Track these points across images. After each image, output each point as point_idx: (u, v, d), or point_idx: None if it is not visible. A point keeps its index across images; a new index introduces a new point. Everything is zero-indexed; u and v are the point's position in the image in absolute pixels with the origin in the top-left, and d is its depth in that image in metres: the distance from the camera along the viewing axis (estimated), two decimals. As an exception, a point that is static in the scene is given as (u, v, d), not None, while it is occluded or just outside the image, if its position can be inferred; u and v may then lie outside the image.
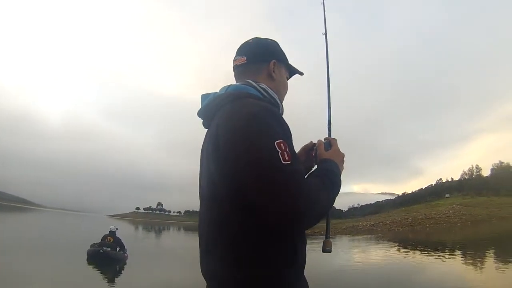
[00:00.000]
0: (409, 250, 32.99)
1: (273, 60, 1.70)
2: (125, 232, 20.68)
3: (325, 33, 2.21)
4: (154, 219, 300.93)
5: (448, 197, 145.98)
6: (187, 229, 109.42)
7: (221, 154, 1.33)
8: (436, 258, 24.46)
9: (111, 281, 14.87)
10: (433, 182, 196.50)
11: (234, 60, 1.75)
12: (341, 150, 1.72)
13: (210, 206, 1.44)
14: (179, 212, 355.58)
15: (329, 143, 1.74)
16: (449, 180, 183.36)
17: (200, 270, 1.51)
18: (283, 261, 1.34)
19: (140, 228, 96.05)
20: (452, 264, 21.26)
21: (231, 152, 1.30)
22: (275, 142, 1.25)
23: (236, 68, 1.74)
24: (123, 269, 17.48)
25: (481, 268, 19.24)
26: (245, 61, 1.70)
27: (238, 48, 1.77)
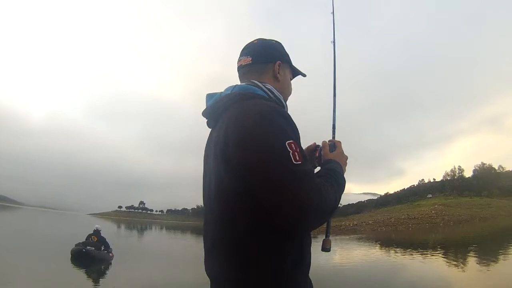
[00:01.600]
0: (392, 249, 33.22)
1: (278, 61, 1.71)
2: (108, 231, 20.60)
3: (333, 42, 2.27)
4: (137, 218, 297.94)
5: (430, 197, 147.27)
6: (169, 228, 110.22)
7: (231, 154, 1.33)
8: (419, 258, 24.69)
9: (96, 280, 14.68)
10: (415, 183, 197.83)
11: (239, 61, 1.75)
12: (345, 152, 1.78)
13: (218, 206, 1.43)
14: (162, 211, 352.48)
15: (334, 145, 1.79)
16: (431, 180, 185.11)
17: (205, 270, 1.52)
18: (291, 261, 1.34)
19: (123, 227, 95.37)
20: (435, 264, 21.42)
21: (242, 152, 1.29)
22: (286, 142, 1.26)
23: (241, 68, 1.74)
24: (108, 269, 17.31)
25: (463, 268, 19.44)
26: (250, 62, 1.70)
27: (243, 49, 1.77)
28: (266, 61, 1.70)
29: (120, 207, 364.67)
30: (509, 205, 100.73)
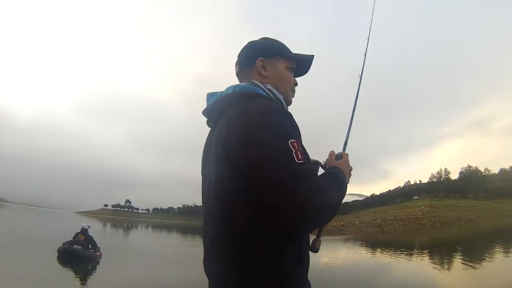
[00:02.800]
0: (378, 250, 33.42)
1: (259, 58, 1.70)
2: (94, 229, 20.47)
3: (361, 76, 2.29)
4: (123, 216, 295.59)
5: (416, 199, 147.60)
6: (155, 227, 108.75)
7: (233, 152, 1.32)
8: (405, 258, 24.87)
9: (82, 280, 14.48)
10: (402, 184, 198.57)
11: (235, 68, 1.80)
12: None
13: (219, 205, 1.42)
14: (148, 209, 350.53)
15: (341, 155, 1.80)
16: (418, 182, 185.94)
17: (204, 270, 1.52)
18: (290, 261, 1.34)
19: (109, 225, 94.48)
20: (420, 264, 21.63)
21: (244, 150, 1.29)
22: (289, 141, 1.26)
23: (236, 76, 1.78)
24: (95, 268, 17.11)
25: (448, 268, 19.62)
26: (239, 69, 1.76)
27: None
28: (249, 63, 1.71)
29: (106, 205, 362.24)
30: (494, 208, 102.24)
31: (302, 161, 1.25)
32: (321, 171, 1.67)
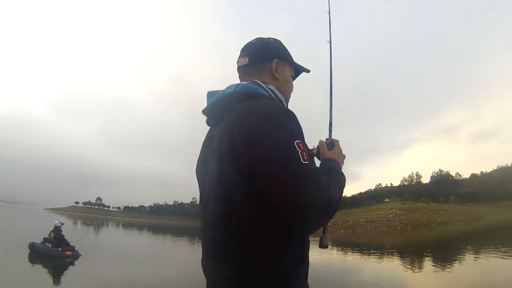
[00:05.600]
0: (349, 251, 33.27)
1: (276, 59, 1.67)
2: (65, 227, 19.38)
3: (330, 41, 2.23)
4: (94, 214, 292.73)
5: (387, 201, 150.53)
6: (125, 225, 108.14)
7: (238, 153, 1.30)
8: (376, 260, 24.94)
9: (54, 279, 13.91)
10: (373, 187, 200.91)
11: (238, 61, 1.73)
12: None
13: (220, 205, 1.39)
14: (119, 207, 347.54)
15: (332, 143, 1.79)
16: (389, 185, 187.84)
17: (202, 269, 1.53)
18: (293, 261, 1.35)
19: (80, 223, 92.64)
20: (391, 266, 21.68)
21: (250, 151, 1.27)
22: (295, 142, 1.27)
23: (240, 69, 1.72)
24: (66, 268, 16.31)
25: (418, 270, 19.52)
26: (247, 62, 1.68)
27: (241, 49, 1.74)
28: (263, 60, 1.66)
29: (77, 202, 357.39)
30: (465, 211, 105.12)
31: (307, 162, 1.26)
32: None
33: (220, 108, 1.50)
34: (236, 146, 1.29)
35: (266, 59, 1.65)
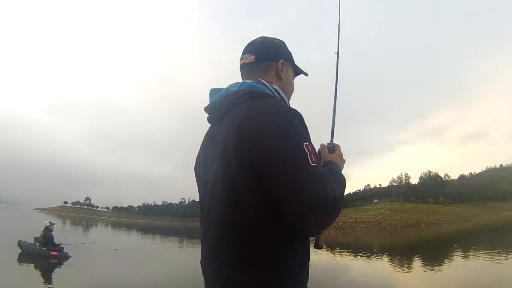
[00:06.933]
0: (338, 251, 32.88)
1: (281, 60, 1.69)
2: (54, 227, 19.28)
3: (337, 53, 2.27)
4: (82, 214, 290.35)
5: (376, 202, 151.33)
6: (114, 225, 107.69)
7: (245, 153, 1.29)
8: (365, 260, 25.07)
9: (45, 279, 13.98)
10: (361, 188, 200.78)
11: (242, 59, 1.72)
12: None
13: (224, 205, 1.37)
14: (107, 207, 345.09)
15: (333, 147, 1.83)
16: (378, 186, 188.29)
17: (203, 271, 1.52)
18: (298, 261, 1.36)
19: (68, 223, 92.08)
20: (380, 266, 21.69)
21: (260, 152, 1.27)
22: (304, 144, 1.27)
23: (244, 66, 1.71)
24: (53, 268, 16.35)
25: (407, 270, 19.58)
26: (254, 60, 1.68)
27: (245, 47, 1.74)
28: (269, 59, 1.67)
29: (66, 202, 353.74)
30: (454, 212, 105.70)
31: (315, 164, 1.27)
32: None
33: (225, 106, 1.48)
34: (244, 147, 1.28)
35: (272, 59, 1.66)
